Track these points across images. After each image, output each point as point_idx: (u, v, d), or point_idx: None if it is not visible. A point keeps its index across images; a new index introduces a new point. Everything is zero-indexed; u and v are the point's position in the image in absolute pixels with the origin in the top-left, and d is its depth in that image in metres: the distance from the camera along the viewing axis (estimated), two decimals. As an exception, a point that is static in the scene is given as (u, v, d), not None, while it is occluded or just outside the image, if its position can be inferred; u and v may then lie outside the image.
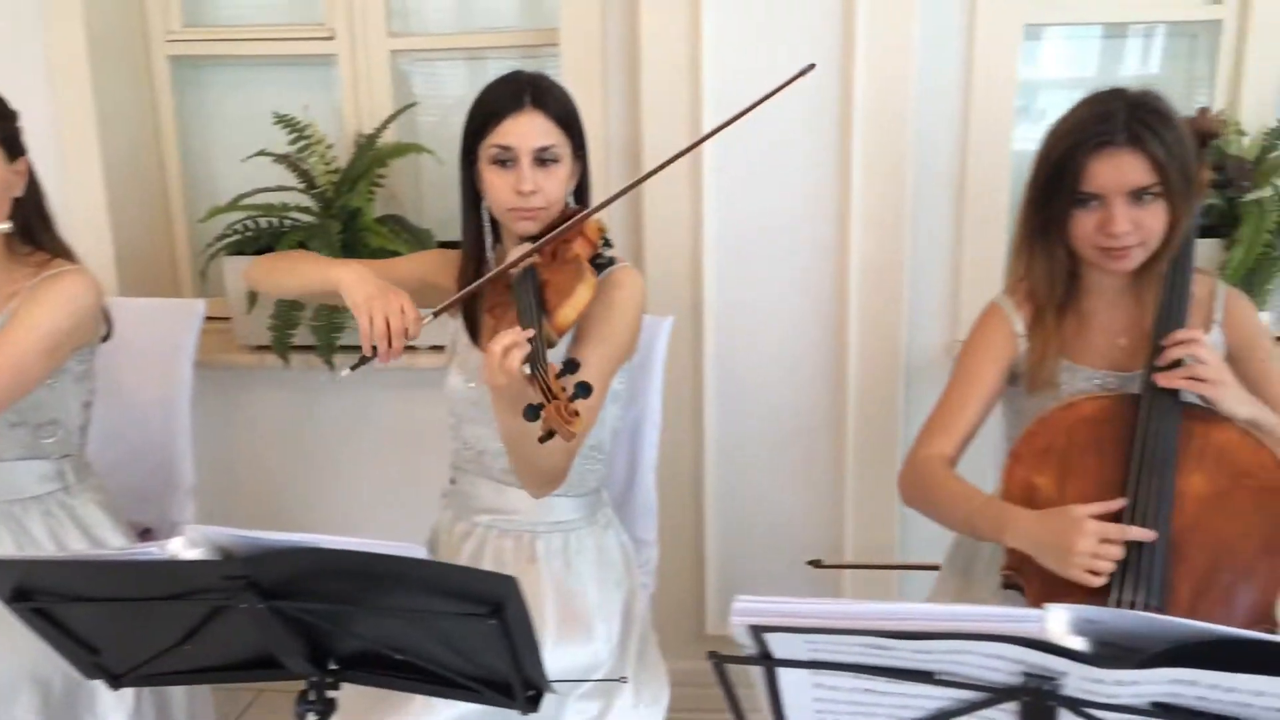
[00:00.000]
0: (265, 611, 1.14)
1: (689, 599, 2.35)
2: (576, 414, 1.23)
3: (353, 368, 1.45)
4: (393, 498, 2.36)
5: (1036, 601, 1.41)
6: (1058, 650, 0.87)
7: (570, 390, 1.26)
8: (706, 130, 2.07)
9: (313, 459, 2.41)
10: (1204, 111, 1.59)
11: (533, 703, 1.24)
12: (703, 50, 2.06)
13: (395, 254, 2.10)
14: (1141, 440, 1.40)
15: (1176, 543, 1.36)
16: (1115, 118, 1.41)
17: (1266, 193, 2.11)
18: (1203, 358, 1.41)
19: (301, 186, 2.27)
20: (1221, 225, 2.11)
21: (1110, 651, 0.90)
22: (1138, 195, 1.42)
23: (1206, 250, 2.10)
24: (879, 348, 2.16)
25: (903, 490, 1.60)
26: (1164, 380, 1.42)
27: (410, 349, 1.71)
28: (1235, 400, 1.40)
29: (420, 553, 1.06)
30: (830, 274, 2.16)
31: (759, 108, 1.50)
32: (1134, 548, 1.35)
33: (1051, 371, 1.55)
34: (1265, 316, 1.79)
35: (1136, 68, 2.36)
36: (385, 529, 2.09)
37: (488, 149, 1.53)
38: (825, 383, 2.20)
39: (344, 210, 2.21)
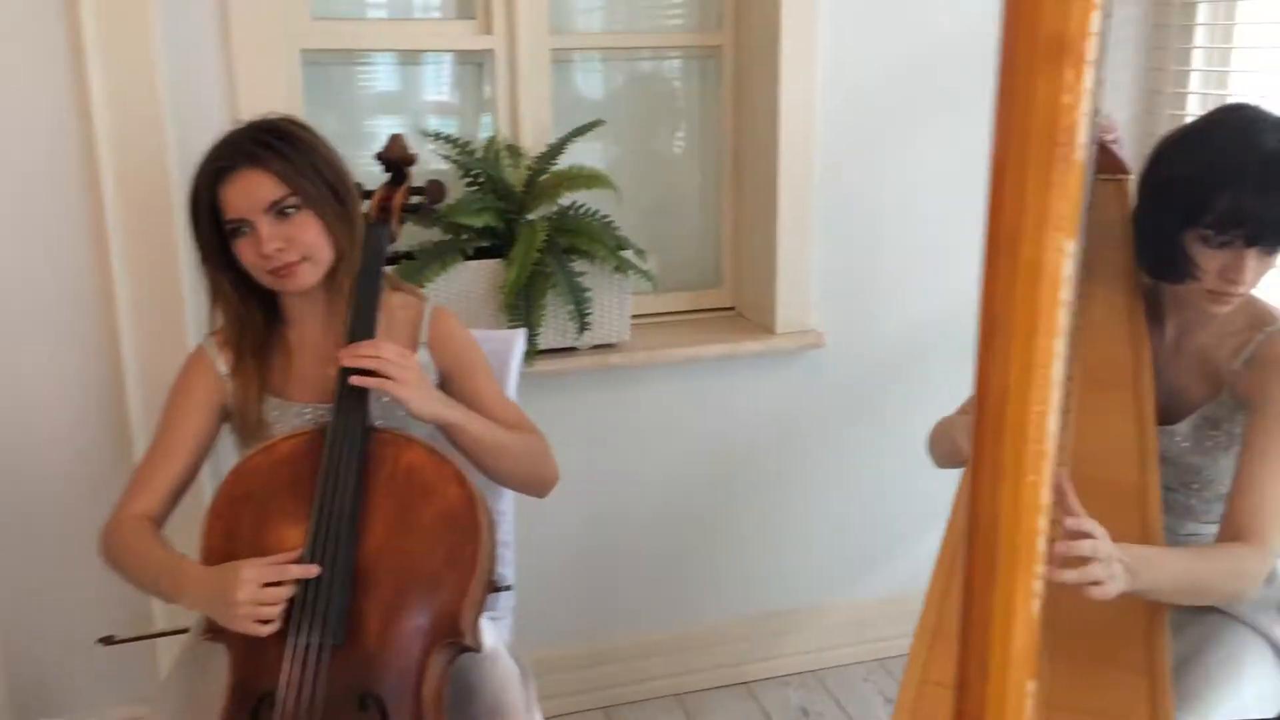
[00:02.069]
0: None
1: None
2: None
3: None
4: None
5: (239, 658, 1.33)
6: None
7: None
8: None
9: None
10: (396, 139, 1.62)
11: None
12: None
13: None
14: (324, 472, 1.36)
15: (364, 571, 1.32)
16: (235, 144, 1.41)
17: (540, 212, 2.25)
18: (387, 357, 1.38)
19: None
20: (503, 246, 2.21)
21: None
22: (279, 211, 1.40)
23: (488, 271, 2.18)
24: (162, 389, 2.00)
25: (103, 553, 1.45)
26: (355, 380, 1.37)
27: None
28: (423, 399, 1.39)
29: None
30: (98, 324, 1.96)
31: None
32: (308, 588, 1.30)
33: (258, 415, 1.48)
34: (522, 333, 1.86)
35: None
36: None
37: None
38: (108, 445, 1.99)
39: None
